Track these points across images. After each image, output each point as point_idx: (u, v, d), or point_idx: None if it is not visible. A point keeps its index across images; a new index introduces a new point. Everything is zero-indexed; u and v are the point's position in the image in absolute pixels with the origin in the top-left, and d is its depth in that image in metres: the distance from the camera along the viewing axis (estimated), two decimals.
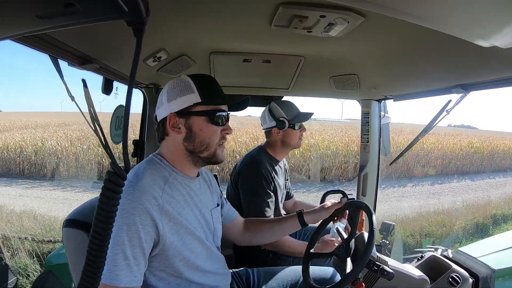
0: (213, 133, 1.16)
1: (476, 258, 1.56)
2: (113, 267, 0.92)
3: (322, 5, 1.01)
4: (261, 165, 1.93)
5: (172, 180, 1.12)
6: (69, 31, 1.01)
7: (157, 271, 1.08)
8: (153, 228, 1.00)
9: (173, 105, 1.13)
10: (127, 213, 0.95)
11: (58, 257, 2.15)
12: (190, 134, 1.14)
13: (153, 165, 1.13)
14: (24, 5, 0.43)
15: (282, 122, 1.98)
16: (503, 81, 1.26)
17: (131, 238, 0.95)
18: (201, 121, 1.14)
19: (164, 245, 1.04)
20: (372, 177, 2.42)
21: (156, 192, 1.04)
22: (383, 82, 1.87)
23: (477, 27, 0.70)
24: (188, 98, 1.12)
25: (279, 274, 1.56)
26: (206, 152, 1.16)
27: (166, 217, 1.04)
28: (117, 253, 0.93)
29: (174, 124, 1.13)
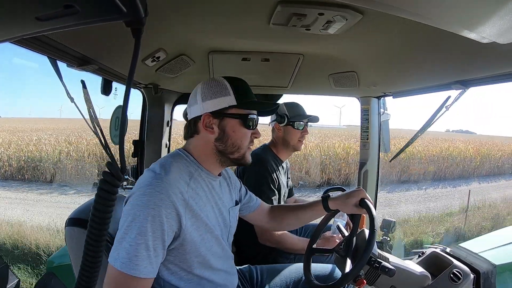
0: (244, 135, 1.19)
1: (477, 254, 1.56)
2: (134, 256, 0.92)
3: (320, 3, 1.01)
4: (267, 163, 1.96)
5: (197, 176, 1.14)
6: (68, 32, 1.01)
7: (171, 265, 1.08)
8: (176, 221, 1.01)
9: (208, 105, 1.14)
10: (153, 204, 0.96)
11: (60, 258, 2.15)
12: (222, 135, 1.16)
13: (179, 159, 1.14)
14: (24, 8, 0.43)
15: (281, 117, 2.01)
16: (502, 76, 1.27)
17: (154, 229, 0.95)
18: (235, 123, 1.16)
19: (184, 239, 1.05)
20: (372, 174, 2.42)
21: (182, 186, 1.05)
22: (382, 79, 1.87)
23: (476, 23, 0.70)
24: (224, 100, 1.14)
25: (282, 272, 1.57)
26: (237, 153, 1.19)
27: (190, 212, 1.05)
28: (140, 243, 0.93)
29: (208, 124, 1.15)
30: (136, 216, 0.94)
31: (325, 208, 1.42)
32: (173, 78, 1.88)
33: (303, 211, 1.50)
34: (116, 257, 0.93)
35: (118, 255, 0.93)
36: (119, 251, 0.93)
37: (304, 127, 2.07)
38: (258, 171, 1.92)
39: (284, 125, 2.03)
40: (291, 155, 2.22)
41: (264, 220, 1.55)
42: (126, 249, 0.92)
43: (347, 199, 1.36)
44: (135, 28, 0.49)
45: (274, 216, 1.55)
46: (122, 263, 0.91)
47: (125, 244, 0.93)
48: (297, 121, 2.03)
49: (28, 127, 25.70)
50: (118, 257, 0.92)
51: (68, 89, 1.33)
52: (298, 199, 2.48)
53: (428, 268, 1.36)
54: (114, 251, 0.94)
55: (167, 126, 2.31)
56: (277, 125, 2.05)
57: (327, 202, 1.42)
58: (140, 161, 2.28)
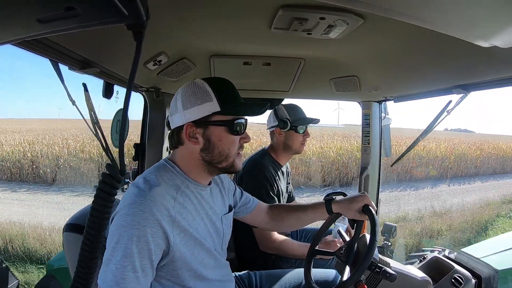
0: (232, 142, 1.11)
1: (478, 259, 1.55)
2: (121, 279, 0.89)
3: (321, 7, 1.01)
4: (265, 169, 1.93)
5: (184, 188, 1.08)
6: (70, 35, 1.02)
7: (163, 280, 1.05)
8: (163, 240, 0.97)
9: (190, 114, 1.06)
10: (137, 224, 0.91)
11: (59, 261, 2.14)
12: (208, 144, 1.09)
13: (165, 172, 1.08)
14: (25, 10, 0.43)
15: (284, 122, 1.99)
16: (504, 81, 1.26)
17: (140, 250, 0.91)
18: (220, 131, 1.09)
19: (173, 256, 1.01)
20: (374, 179, 2.41)
21: (168, 202, 1.00)
22: (383, 83, 1.87)
23: (477, 27, 0.70)
24: (206, 107, 1.06)
25: (282, 277, 1.55)
26: (225, 162, 1.12)
27: (177, 228, 1.01)
28: (126, 265, 0.90)
29: (191, 134, 1.08)
30: (120, 237, 0.90)
31: (328, 211, 1.40)
32: (174, 82, 1.88)
33: (304, 212, 1.46)
34: (104, 279, 0.90)
35: (105, 278, 0.90)
36: (106, 273, 0.90)
37: (306, 130, 2.05)
38: (256, 178, 1.89)
39: (287, 130, 2.01)
40: (291, 158, 2.21)
41: (263, 220, 1.51)
42: (113, 271, 0.89)
43: (350, 204, 1.33)
44: (136, 32, 0.50)
45: (273, 216, 1.51)
46: (110, 286, 0.89)
47: (112, 267, 0.90)
48: (300, 125, 2.01)
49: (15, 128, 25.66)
50: (105, 280, 0.90)
51: (70, 92, 1.33)
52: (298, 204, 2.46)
53: (429, 273, 1.35)
54: (102, 273, 0.91)
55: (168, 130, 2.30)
56: (278, 130, 2.02)
57: (330, 204, 1.39)
58: (141, 164, 2.27)
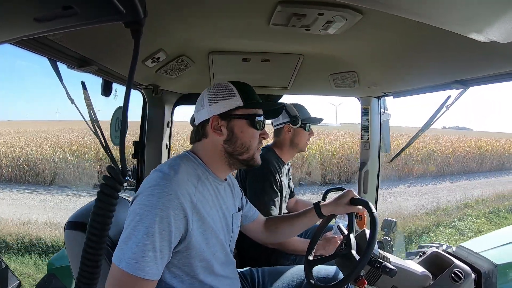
0: (253, 136, 1.20)
1: (478, 254, 1.56)
2: (141, 257, 0.91)
3: (320, 3, 1.01)
4: (270, 164, 1.96)
5: (204, 179, 1.15)
6: (68, 34, 1.01)
7: (174, 268, 1.07)
8: (183, 224, 1.01)
9: (216, 108, 1.16)
10: (161, 205, 0.95)
11: (60, 260, 2.15)
12: (231, 136, 1.17)
13: (187, 161, 1.14)
14: (22, 9, 0.42)
15: (295, 119, 2.03)
16: (502, 76, 1.26)
17: (162, 230, 0.94)
18: (243, 124, 1.18)
19: (189, 243, 1.04)
20: (373, 174, 2.42)
21: (190, 188, 1.05)
22: (382, 79, 1.87)
23: (476, 22, 0.70)
24: (231, 101, 1.16)
25: (284, 274, 1.56)
26: (246, 154, 1.20)
27: (197, 215, 1.05)
28: (147, 243, 0.92)
29: (216, 126, 1.16)
30: (143, 216, 0.94)
31: (318, 215, 1.44)
32: (173, 79, 1.88)
33: (297, 220, 1.51)
34: (121, 257, 0.91)
35: (123, 255, 0.91)
36: (124, 251, 0.92)
37: (311, 128, 2.11)
38: (261, 173, 1.92)
39: (297, 126, 2.04)
40: (294, 156, 2.23)
41: (259, 231, 1.55)
42: (133, 249, 0.91)
43: (337, 201, 1.39)
44: (134, 29, 0.49)
45: (268, 227, 1.56)
46: (128, 263, 0.90)
47: (131, 244, 0.92)
48: (309, 123, 2.07)
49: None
50: (123, 257, 0.91)
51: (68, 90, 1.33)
52: (299, 200, 2.48)
53: (429, 268, 1.35)
54: (119, 251, 0.93)
55: (167, 127, 2.31)
56: (288, 126, 2.05)
57: (319, 208, 1.44)
58: (141, 162, 2.27)
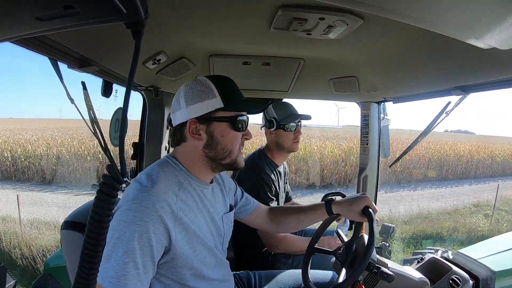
0: (234, 139, 1.12)
1: (476, 260, 1.55)
2: (122, 275, 0.88)
3: (321, 8, 1.01)
4: (262, 171, 1.92)
5: (186, 185, 1.09)
6: (69, 33, 1.01)
7: (163, 278, 1.05)
8: (165, 236, 0.97)
9: (193, 110, 1.07)
10: (140, 220, 0.91)
11: (57, 260, 2.14)
12: (211, 141, 1.10)
13: (167, 168, 1.08)
14: (24, 7, 0.43)
15: (270, 122, 1.98)
16: (503, 82, 1.27)
17: (142, 246, 0.91)
18: (223, 127, 1.10)
19: (174, 253, 1.01)
20: (372, 179, 2.41)
21: (171, 198, 1.00)
22: (382, 84, 1.87)
23: (476, 29, 0.70)
24: (210, 103, 1.07)
25: (281, 277, 1.55)
26: (228, 158, 1.13)
27: (180, 225, 1.01)
28: (128, 261, 0.89)
29: (194, 130, 1.08)
30: (122, 233, 0.90)
31: (328, 212, 1.39)
32: (173, 81, 1.88)
33: (304, 214, 1.46)
34: (104, 275, 0.88)
35: (106, 274, 0.88)
36: (107, 269, 0.89)
37: (296, 127, 2.02)
38: (253, 180, 1.89)
39: (274, 129, 1.99)
40: (287, 157, 2.20)
41: (263, 222, 1.51)
42: (114, 267, 0.88)
43: (351, 205, 1.33)
44: (135, 30, 0.49)
45: (273, 218, 1.52)
46: (110, 282, 0.88)
47: (113, 263, 0.88)
48: (287, 123, 1.98)
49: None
50: (106, 275, 0.88)
51: (69, 90, 1.33)
52: (296, 203, 2.46)
53: (427, 274, 1.35)
54: (102, 269, 0.89)
55: (167, 129, 2.30)
56: (267, 129, 2.01)
57: (330, 206, 1.39)
58: (140, 163, 2.27)
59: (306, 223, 1.50)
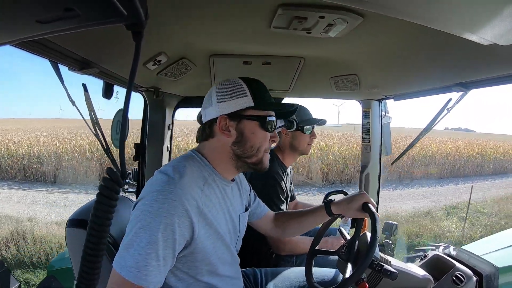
0: (263, 138, 1.14)
1: (479, 256, 1.55)
2: (143, 266, 0.88)
3: (321, 6, 1.01)
4: (275, 173, 1.92)
5: (211, 181, 1.10)
6: (70, 36, 1.01)
7: (179, 272, 1.05)
8: (188, 230, 0.97)
9: (225, 107, 1.10)
10: (166, 212, 0.91)
11: (60, 262, 2.15)
12: (240, 138, 1.11)
13: (193, 162, 1.09)
14: (24, 10, 0.43)
15: (290, 123, 1.98)
16: (504, 78, 1.26)
17: (165, 238, 0.91)
18: (253, 126, 1.11)
19: (195, 248, 1.01)
20: (374, 177, 2.42)
21: (196, 193, 1.01)
22: (383, 82, 1.87)
23: (476, 25, 0.70)
24: (241, 101, 1.10)
25: (287, 275, 1.56)
26: (255, 157, 1.14)
27: (203, 220, 1.01)
28: (150, 252, 0.89)
29: (224, 126, 1.10)
30: (146, 224, 0.90)
31: (328, 213, 1.41)
32: (174, 82, 1.88)
33: (306, 217, 1.48)
34: (123, 264, 0.88)
35: (125, 262, 0.88)
36: (126, 258, 0.88)
37: (312, 131, 2.05)
38: (267, 182, 1.88)
39: (293, 130, 2.00)
40: (297, 159, 2.20)
41: (268, 227, 1.53)
42: (135, 257, 0.88)
43: (349, 204, 1.35)
44: (135, 32, 0.49)
45: (277, 224, 1.53)
46: (130, 271, 0.87)
47: (133, 252, 0.88)
48: (306, 125, 2.00)
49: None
50: (125, 264, 0.88)
51: (70, 92, 1.33)
52: (299, 203, 2.47)
53: (430, 271, 1.35)
54: (121, 258, 0.89)
55: (168, 129, 2.31)
56: (285, 130, 2.01)
57: (329, 207, 1.40)
58: (141, 164, 2.28)
59: (307, 226, 1.52)
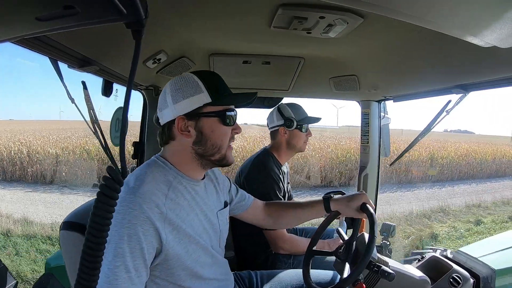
0: (224, 134, 1.11)
1: (476, 258, 1.56)
2: (114, 280, 0.86)
3: (321, 6, 1.01)
4: (271, 170, 1.93)
5: (176, 184, 1.06)
6: (69, 33, 1.01)
7: (158, 280, 1.03)
8: (155, 238, 0.95)
9: (181, 107, 1.05)
10: (128, 223, 0.89)
11: (58, 259, 2.14)
12: (201, 137, 1.08)
13: (155, 168, 1.06)
14: (24, 8, 0.43)
15: (290, 121, 1.99)
16: (503, 81, 1.26)
17: (132, 249, 0.89)
18: (212, 123, 1.08)
19: (166, 254, 0.99)
20: (372, 178, 2.42)
21: (159, 199, 0.98)
22: (382, 82, 1.87)
23: (476, 27, 0.70)
24: (197, 98, 1.05)
25: (282, 277, 1.54)
26: (218, 154, 1.11)
27: (170, 225, 0.99)
28: (118, 265, 0.87)
29: (183, 127, 1.06)
30: (111, 237, 0.86)
31: (326, 209, 1.40)
32: None
33: (302, 210, 1.47)
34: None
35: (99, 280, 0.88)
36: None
37: (308, 129, 2.07)
38: (263, 180, 1.89)
39: (293, 129, 2.01)
40: (292, 157, 2.21)
41: (259, 218, 1.50)
42: (105, 272, 0.86)
43: (349, 202, 1.34)
44: (135, 30, 0.49)
45: (270, 214, 1.51)
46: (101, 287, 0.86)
47: (103, 267, 0.85)
48: (304, 124, 2.02)
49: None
50: (99, 281, 0.87)
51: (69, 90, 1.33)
52: None
53: (427, 272, 1.35)
54: None
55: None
56: (283, 129, 2.02)
57: (328, 202, 1.39)
58: (140, 162, 2.27)
59: (303, 219, 1.51)
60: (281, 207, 1.53)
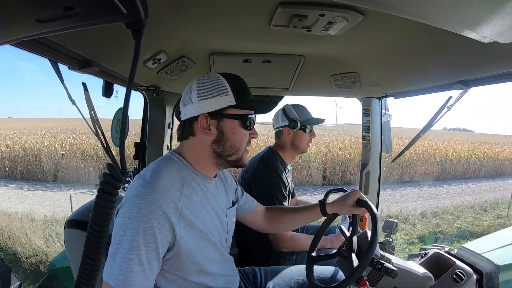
0: (243, 137, 1.14)
1: (480, 254, 1.55)
2: (127, 272, 0.89)
3: (321, 4, 1.01)
4: (278, 169, 1.96)
5: (190, 181, 1.09)
6: (69, 35, 1.01)
7: (168, 274, 1.05)
8: (170, 232, 0.97)
9: (206, 105, 1.08)
10: (144, 217, 0.92)
11: (61, 260, 2.15)
12: (221, 137, 1.11)
13: (171, 164, 1.09)
14: (24, 9, 0.43)
15: (294, 122, 2.02)
16: (504, 76, 1.26)
17: (147, 242, 0.92)
18: (234, 125, 1.11)
19: (178, 249, 1.01)
20: (374, 175, 2.42)
21: (174, 195, 1.00)
22: (383, 79, 1.86)
23: (477, 23, 0.70)
24: (223, 99, 1.08)
25: (286, 273, 1.55)
26: (235, 155, 1.14)
27: (184, 221, 1.01)
28: (133, 258, 0.90)
29: (205, 125, 1.09)
30: (127, 230, 0.91)
31: (322, 212, 1.43)
32: (174, 80, 1.88)
33: (300, 214, 1.50)
34: (110, 272, 0.90)
35: (111, 271, 0.90)
36: (112, 267, 0.90)
37: (312, 130, 2.09)
38: (270, 178, 1.91)
39: (297, 129, 2.03)
40: (296, 157, 2.23)
41: (259, 221, 1.53)
42: (119, 265, 0.89)
43: (343, 202, 1.37)
44: (135, 30, 0.49)
45: (269, 217, 1.54)
46: (116, 280, 0.88)
47: (118, 260, 0.90)
48: (308, 125, 2.04)
49: None
50: (111, 273, 0.89)
51: (70, 91, 1.33)
52: (300, 201, 2.47)
53: (430, 269, 1.35)
54: (108, 267, 0.91)
55: (168, 128, 2.31)
56: (287, 129, 2.04)
57: (324, 206, 1.42)
58: (142, 163, 2.28)
59: (301, 223, 1.54)
60: (281, 211, 1.56)
